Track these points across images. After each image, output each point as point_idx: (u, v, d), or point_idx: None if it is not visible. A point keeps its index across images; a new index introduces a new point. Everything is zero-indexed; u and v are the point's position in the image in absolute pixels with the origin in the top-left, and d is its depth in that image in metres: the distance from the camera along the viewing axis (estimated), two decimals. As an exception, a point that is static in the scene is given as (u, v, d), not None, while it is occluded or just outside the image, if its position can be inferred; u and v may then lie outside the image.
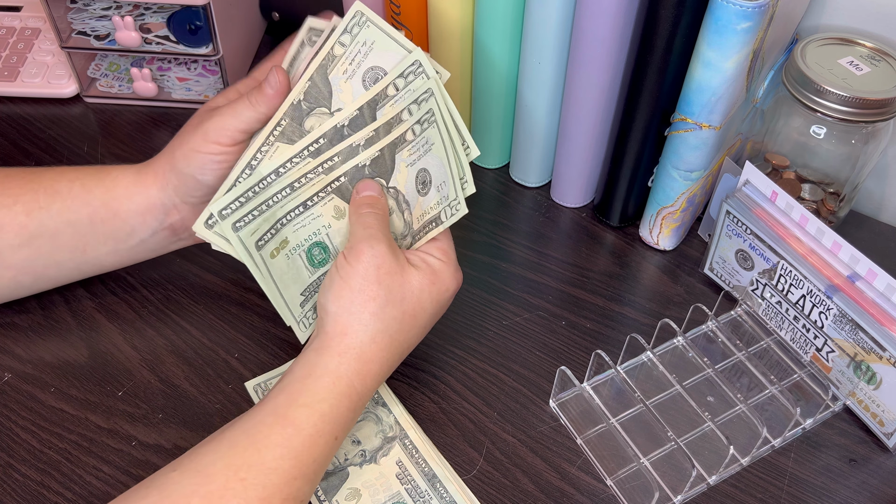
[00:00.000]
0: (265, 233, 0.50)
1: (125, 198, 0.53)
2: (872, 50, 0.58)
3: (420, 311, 0.49)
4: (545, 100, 0.63)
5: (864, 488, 0.51)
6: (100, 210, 0.53)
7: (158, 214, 0.54)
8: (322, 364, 0.46)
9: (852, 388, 0.54)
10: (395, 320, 0.48)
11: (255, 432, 0.44)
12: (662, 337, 0.58)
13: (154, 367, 0.56)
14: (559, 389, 0.55)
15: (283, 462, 0.43)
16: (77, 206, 0.53)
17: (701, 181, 0.60)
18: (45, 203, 0.53)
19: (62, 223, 0.53)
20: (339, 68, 0.50)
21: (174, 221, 0.54)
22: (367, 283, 0.47)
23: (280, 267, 0.51)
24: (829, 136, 0.58)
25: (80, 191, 0.53)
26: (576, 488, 0.51)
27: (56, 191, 0.53)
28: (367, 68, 0.50)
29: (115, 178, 0.54)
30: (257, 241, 0.50)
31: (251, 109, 0.51)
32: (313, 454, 0.44)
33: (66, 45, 0.73)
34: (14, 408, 0.53)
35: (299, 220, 0.51)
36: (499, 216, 0.68)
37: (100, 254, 0.55)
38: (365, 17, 0.49)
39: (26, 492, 0.49)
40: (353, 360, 0.46)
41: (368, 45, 0.50)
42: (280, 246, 0.51)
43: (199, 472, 0.42)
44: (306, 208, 0.51)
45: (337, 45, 0.50)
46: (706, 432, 0.53)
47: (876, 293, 0.51)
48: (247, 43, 0.81)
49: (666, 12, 0.52)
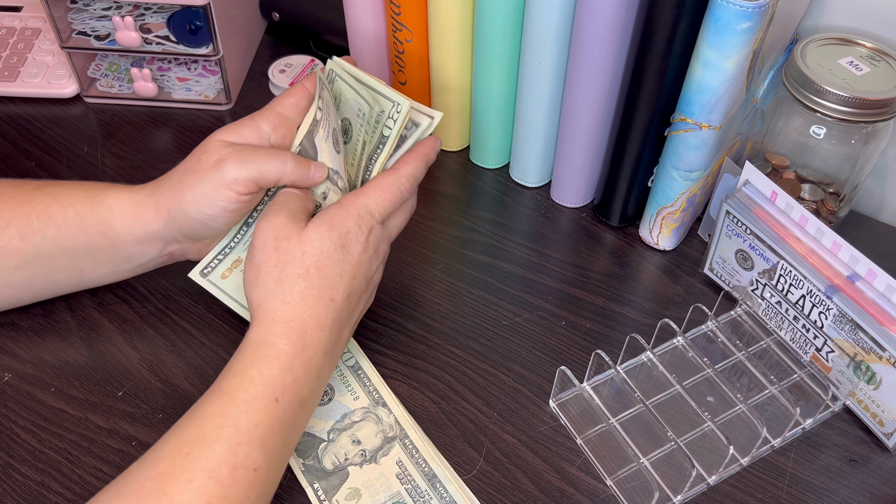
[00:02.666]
0: (210, 262, 0.54)
1: (122, 229, 0.52)
2: (872, 50, 0.58)
3: (325, 259, 0.48)
4: (545, 100, 0.63)
5: (864, 488, 0.51)
6: (96, 238, 0.52)
7: (158, 245, 0.53)
8: (246, 339, 0.47)
9: (852, 388, 0.54)
10: (300, 277, 0.47)
11: (195, 410, 0.45)
12: (662, 337, 0.58)
13: (154, 368, 0.56)
14: (559, 389, 0.55)
15: (222, 431, 0.43)
16: (72, 233, 0.52)
17: (701, 181, 0.60)
18: (38, 228, 0.51)
19: (58, 249, 0.52)
20: (321, 131, 0.52)
21: (174, 250, 0.54)
22: (266, 255, 0.48)
23: (236, 283, 0.55)
24: (829, 137, 0.58)
25: (75, 218, 0.52)
26: (576, 488, 0.51)
27: (49, 216, 0.51)
28: (336, 125, 0.53)
29: (110, 206, 0.52)
30: (202, 270, 0.54)
31: (277, 165, 0.49)
32: (253, 419, 0.44)
33: (67, 45, 0.73)
34: (14, 408, 0.53)
35: (246, 238, 0.54)
36: (498, 216, 0.68)
37: (98, 275, 0.55)
38: (334, 73, 0.54)
39: (26, 492, 0.49)
40: (271, 325, 0.47)
41: (338, 99, 0.54)
42: (232, 265, 0.55)
43: (149, 457, 0.43)
44: (248, 226, 0.54)
45: (317, 111, 0.52)
46: (706, 432, 0.53)
47: (876, 293, 0.51)
48: (247, 43, 0.81)
49: (666, 12, 0.52)
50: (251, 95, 0.78)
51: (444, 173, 0.72)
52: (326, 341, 0.48)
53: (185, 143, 0.73)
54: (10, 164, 0.70)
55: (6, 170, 0.69)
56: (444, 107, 0.70)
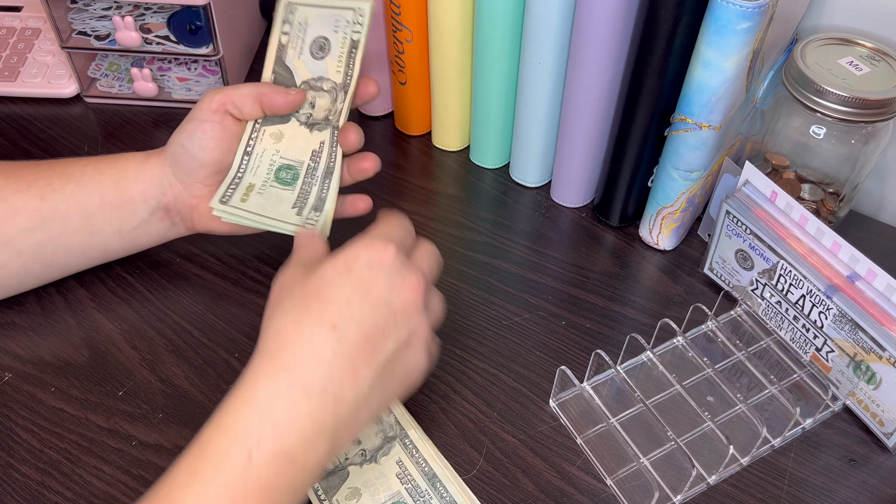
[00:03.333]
0: (224, 192, 0.55)
1: (133, 177, 0.55)
2: (872, 50, 0.58)
3: (326, 284, 0.42)
4: (545, 100, 0.63)
5: (864, 488, 0.51)
6: (110, 190, 0.55)
7: (156, 192, 0.56)
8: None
9: (852, 387, 0.54)
10: (294, 306, 0.42)
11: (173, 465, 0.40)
12: (662, 337, 0.58)
13: (154, 367, 0.56)
14: (559, 389, 0.55)
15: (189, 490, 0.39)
16: (90, 186, 0.55)
17: (701, 181, 0.60)
18: (58, 186, 0.54)
19: (74, 205, 0.54)
20: (290, 52, 0.57)
21: (168, 201, 0.56)
22: (271, 298, 0.44)
23: (257, 202, 0.55)
24: (829, 137, 0.58)
25: (94, 173, 0.55)
26: (576, 488, 0.51)
27: (69, 174, 0.55)
28: (311, 41, 0.57)
29: (126, 160, 0.56)
30: (220, 198, 0.55)
31: (250, 87, 0.54)
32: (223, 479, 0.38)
33: (67, 45, 0.73)
34: (14, 408, 0.53)
35: (252, 164, 0.56)
36: (498, 216, 0.68)
37: (106, 236, 0.56)
38: (292, 3, 0.57)
39: (27, 491, 0.49)
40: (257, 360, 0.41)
41: (305, 24, 0.57)
42: (247, 190, 0.56)
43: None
44: (249, 155, 0.56)
45: (281, 35, 0.57)
46: (706, 432, 0.53)
47: (876, 293, 0.51)
48: (247, 43, 0.81)
49: (666, 12, 0.52)
50: (251, 95, 0.78)
51: (444, 173, 0.72)
52: (325, 378, 0.40)
53: (185, 143, 0.73)
54: (11, 164, 0.70)
55: (6, 170, 0.69)
56: (445, 107, 0.70)
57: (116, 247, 0.57)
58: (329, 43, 0.56)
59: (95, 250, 0.57)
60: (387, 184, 0.70)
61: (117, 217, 0.56)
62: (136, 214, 0.56)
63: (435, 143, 0.74)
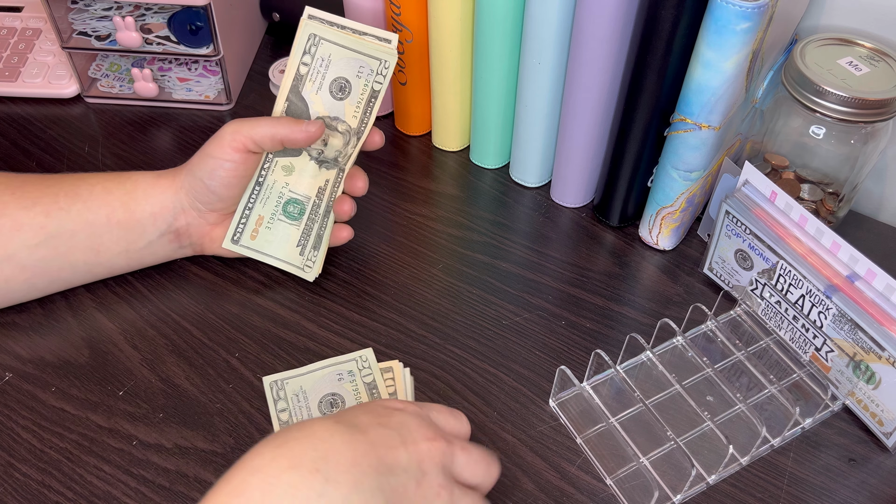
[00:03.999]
0: (235, 228, 0.58)
1: (143, 199, 0.55)
2: (872, 50, 0.58)
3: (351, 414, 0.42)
4: (545, 100, 0.63)
5: (864, 488, 0.51)
6: (118, 210, 0.55)
7: (168, 216, 0.56)
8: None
9: (851, 387, 0.54)
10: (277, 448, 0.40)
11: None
12: (662, 337, 0.58)
13: (154, 367, 0.56)
14: (559, 389, 0.55)
15: None
16: (97, 206, 0.55)
17: (700, 181, 0.60)
18: (65, 205, 0.54)
19: (81, 223, 0.54)
20: (308, 85, 0.57)
21: (180, 226, 0.57)
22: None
23: (266, 238, 0.59)
24: (829, 137, 0.58)
25: (101, 192, 0.55)
26: (576, 488, 0.51)
27: (77, 194, 0.55)
28: (332, 79, 0.57)
29: (136, 180, 0.56)
30: (231, 237, 0.58)
31: (270, 125, 0.54)
32: None
33: (67, 45, 0.73)
34: (15, 407, 0.53)
35: (262, 196, 0.58)
36: (498, 216, 0.68)
37: (112, 255, 0.56)
38: (318, 37, 0.56)
39: (27, 491, 0.50)
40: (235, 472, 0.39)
41: (327, 61, 0.56)
42: (257, 224, 0.59)
43: None
44: (261, 186, 0.58)
45: (300, 65, 0.56)
46: (706, 432, 0.53)
47: (875, 293, 0.51)
48: (247, 43, 0.81)
49: (666, 12, 0.52)
50: (252, 96, 0.78)
51: (444, 173, 0.72)
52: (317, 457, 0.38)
53: (185, 144, 0.73)
54: (11, 164, 0.70)
55: (7, 170, 0.69)
56: (444, 107, 0.70)
57: (122, 264, 0.58)
58: (350, 86, 0.56)
59: (101, 267, 0.57)
60: (387, 184, 0.70)
61: (124, 237, 0.56)
62: (144, 236, 0.56)
63: (435, 143, 0.74)
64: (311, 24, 0.56)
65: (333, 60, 0.56)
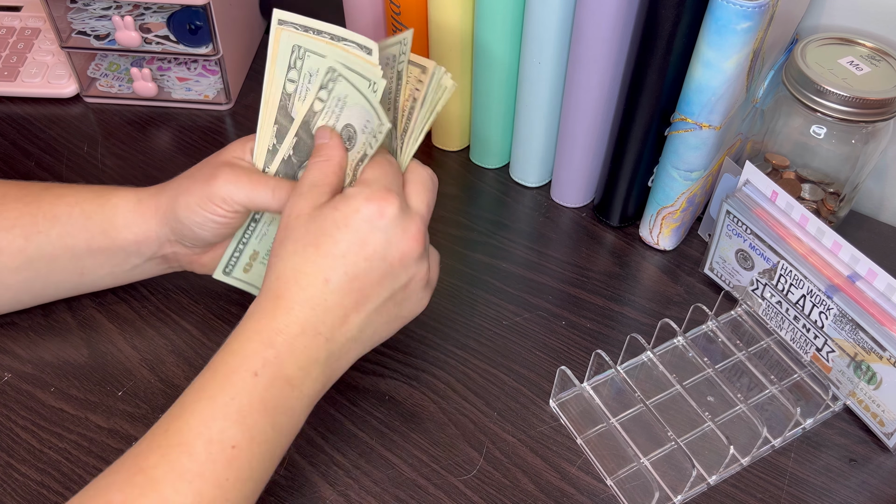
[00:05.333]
0: (228, 260, 0.55)
1: (123, 227, 0.53)
2: (872, 50, 0.58)
3: (322, 235, 0.45)
4: (545, 100, 0.63)
5: (864, 488, 0.51)
6: (98, 237, 0.52)
7: (153, 245, 0.53)
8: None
9: (852, 387, 0.54)
10: (294, 253, 0.45)
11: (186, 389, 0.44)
12: (662, 337, 0.58)
13: (154, 367, 0.56)
14: (559, 389, 0.55)
15: (198, 404, 0.42)
16: (76, 231, 0.52)
17: (701, 181, 0.60)
18: (43, 228, 0.52)
19: (60, 248, 0.52)
20: (321, 122, 0.51)
21: (167, 253, 0.54)
22: (278, 232, 0.47)
23: (259, 272, 0.56)
24: (829, 136, 0.58)
25: (80, 216, 0.52)
26: (576, 488, 0.51)
27: (55, 216, 0.52)
28: (343, 126, 0.51)
29: (116, 205, 0.53)
30: (223, 269, 0.55)
31: (270, 199, 0.50)
32: (229, 392, 0.42)
33: (66, 44, 0.73)
34: (14, 407, 0.53)
35: (258, 231, 0.55)
36: (498, 216, 0.68)
37: (97, 276, 0.55)
38: (337, 72, 0.51)
39: (26, 491, 0.49)
40: (263, 299, 0.46)
41: (342, 101, 0.51)
42: (251, 259, 0.55)
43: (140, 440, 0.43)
44: (256, 222, 0.54)
45: (316, 101, 0.51)
46: (706, 432, 0.53)
47: (876, 293, 0.51)
48: (247, 43, 0.81)
49: (666, 12, 0.52)
50: (251, 95, 0.78)
51: (444, 173, 0.72)
52: (317, 322, 0.45)
53: (184, 143, 0.73)
54: (11, 164, 0.70)
55: (6, 170, 0.69)
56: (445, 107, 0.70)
57: (109, 283, 0.56)
58: (356, 138, 0.51)
59: (87, 286, 0.56)
60: (387, 184, 0.70)
61: (108, 262, 0.54)
62: (128, 260, 0.54)
63: (435, 144, 0.74)
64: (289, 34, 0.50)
65: (349, 105, 0.51)
